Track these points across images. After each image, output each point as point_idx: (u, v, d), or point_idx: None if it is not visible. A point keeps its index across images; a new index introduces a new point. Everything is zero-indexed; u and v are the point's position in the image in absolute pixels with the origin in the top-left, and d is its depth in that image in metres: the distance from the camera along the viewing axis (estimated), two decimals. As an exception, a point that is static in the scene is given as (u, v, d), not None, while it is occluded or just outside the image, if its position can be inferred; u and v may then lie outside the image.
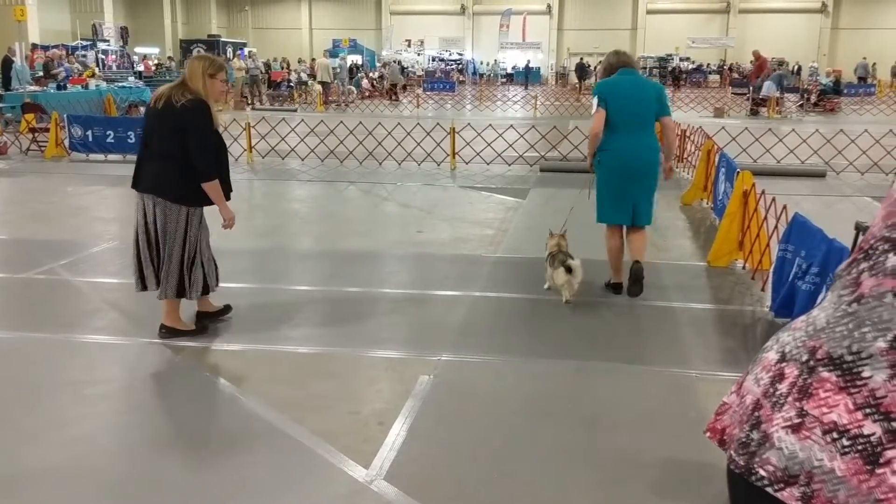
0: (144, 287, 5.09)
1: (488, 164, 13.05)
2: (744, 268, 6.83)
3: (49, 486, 3.37)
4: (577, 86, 38.31)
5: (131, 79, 26.02)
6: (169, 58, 42.06)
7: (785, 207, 5.98)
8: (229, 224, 5.28)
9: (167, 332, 5.17)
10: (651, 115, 5.89)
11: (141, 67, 34.26)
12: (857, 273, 1.29)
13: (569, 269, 5.82)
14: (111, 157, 13.73)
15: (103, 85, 21.41)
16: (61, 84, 19.92)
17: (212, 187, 5.09)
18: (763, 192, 6.57)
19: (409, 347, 5.01)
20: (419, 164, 13.01)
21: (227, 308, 5.63)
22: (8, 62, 20.31)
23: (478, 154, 13.23)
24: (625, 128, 5.82)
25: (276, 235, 8.44)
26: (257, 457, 3.62)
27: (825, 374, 1.23)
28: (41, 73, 22.19)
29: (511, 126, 14.62)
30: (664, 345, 5.12)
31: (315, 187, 11.48)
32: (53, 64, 22.79)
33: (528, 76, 45.41)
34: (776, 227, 6.05)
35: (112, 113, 19.09)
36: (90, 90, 20.10)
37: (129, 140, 13.36)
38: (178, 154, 4.90)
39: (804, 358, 1.28)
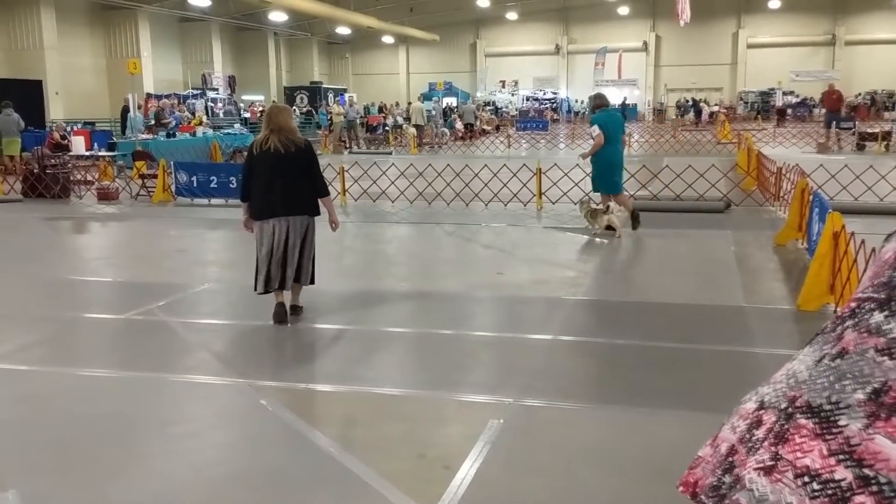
0: (282, 287, 6.61)
1: (575, 203, 13.01)
2: (835, 311, 6.57)
3: (130, 520, 3.56)
4: (696, 121, 40.45)
5: (237, 125, 27.27)
6: (273, 103, 43.82)
7: (874, 250, 5.76)
8: (337, 226, 7.24)
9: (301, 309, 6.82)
10: (621, 133, 10.80)
11: (247, 114, 35.83)
12: (842, 329, 1.30)
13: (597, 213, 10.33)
14: (214, 201, 14.41)
15: (210, 132, 22.53)
16: (171, 132, 21.06)
17: (329, 199, 6.97)
18: (853, 234, 6.33)
19: (481, 390, 5.04)
20: (505, 205, 13.10)
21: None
22: (125, 111, 21.71)
23: (565, 194, 13.22)
24: (611, 141, 10.46)
25: (362, 276, 8.66)
26: (328, 498, 3.73)
27: (802, 421, 1.24)
28: (153, 122, 23.55)
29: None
30: (745, 394, 4.98)
31: (402, 229, 11.73)
32: (164, 113, 24.14)
33: (625, 113, 45.05)
34: (866, 269, 5.82)
35: (217, 159, 20.04)
36: (197, 137, 21.19)
37: (230, 185, 13.95)
38: (308, 181, 6.60)
39: (783, 405, 1.29)
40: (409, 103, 37.11)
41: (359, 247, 10.68)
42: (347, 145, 29.25)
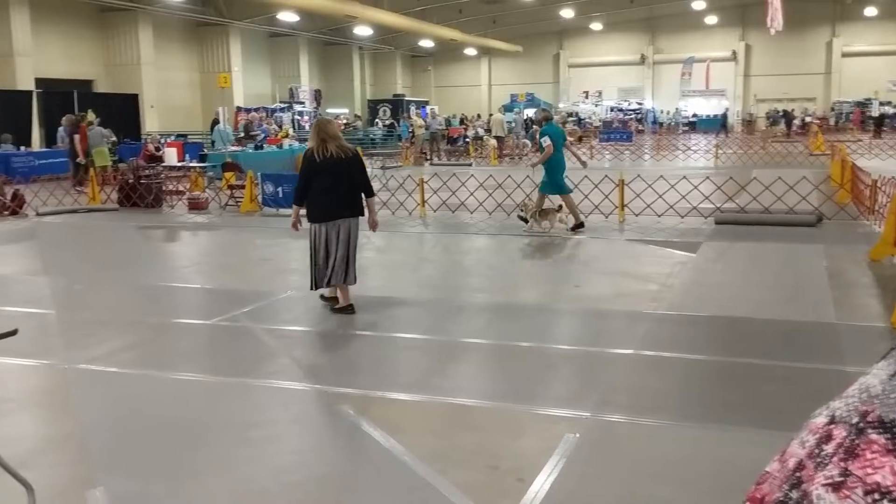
0: (345, 280, 7.23)
1: (659, 216, 12.79)
2: (933, 331, 6.25)
3: (209, 520, 3.66)
4: (786, 132, 39.58)
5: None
6: (356, 116, 44.58)
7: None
8: (377, 226, 7.73)
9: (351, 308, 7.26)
10: (563, 142, 12.48)
11: (331, 127, 36.45)
12: None
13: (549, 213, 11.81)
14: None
15: (296, 144, 23.07)
16: (259, 144, 21.66)
17: (373, 200, 7.64)
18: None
19: (558, 404, 4.99)
20: (586, 217, 12.96)
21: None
22: (215, 124, 22.47)
23: (648, 206, 13.00)
24: (558, 149, 11.97)
25: (439, 287, 8.71)
26: (398, 505, 3.75)
27: (874, 437, 1.19)
28: (242, 134, 24.27)
29: (684, 177, 14.27)
30: (833, 413, 4.78)
31: (481, 240, 11.74)
32: (253, 126, 24.86)
33: (725, 123, 43.82)
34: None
35: (301, 170, 20.47)
36: (283, 150, 21.71)
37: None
38: (360, 184, 7.30)
39: (854, 420, 1.24)
40: (490, 115, 37.16)
41: (436, 257, 10.74)
42: (428, 157, 29.49)
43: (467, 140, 32.31)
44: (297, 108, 38.62)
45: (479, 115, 42.41)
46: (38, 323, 7.21)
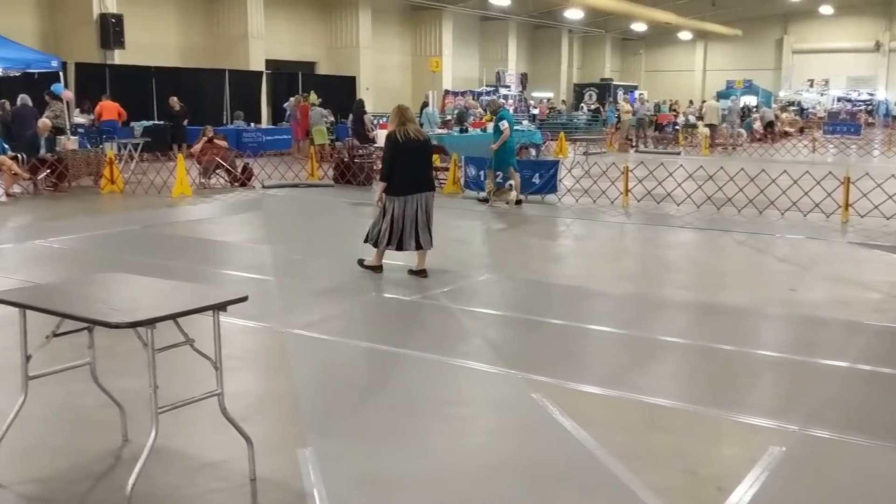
0: (419, 247, 8.18)
1: (888, 218, 11.70)
2: None
3: (405, 492, 3.84)
4: None
5: (525, 122, 27.89)
6: (562, 101, 44.30)
7: None
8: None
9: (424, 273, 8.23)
10: (513, 125, 14.21)
11: (536, 111, 36.57)
12: None
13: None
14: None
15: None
16: (464, 128, 22.00)
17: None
18: None
19: (762, 413, 4.73)
20: (805, 216, 12.12)
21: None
22: (423, 107, 23.19)
23: (876, 207, 11.93)
24: (513, 130, 13.72)
25: (639, 281, 8.50)
26: (592, 501, 3.74)
27: None
28: (449, 117, 24.84)
29: (921, 177, 12.93)
30: None
31: (687, 234, 11.31)
32: (467, 114, 25.24)
33: None
34: None
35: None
36: (486, 134, 21.97)
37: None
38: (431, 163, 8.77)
39: None
40: (703, 101, 35.54)
41: (637, 250, 10.48)
42: (634, 144, 28.76)
43: (677, 127, 31.16)
44: (503, 91, 38.94)
45: (690, 102, 40.73)
46: (261, 288, 7.83)
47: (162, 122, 22.25)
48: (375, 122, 23.16)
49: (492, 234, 11.60)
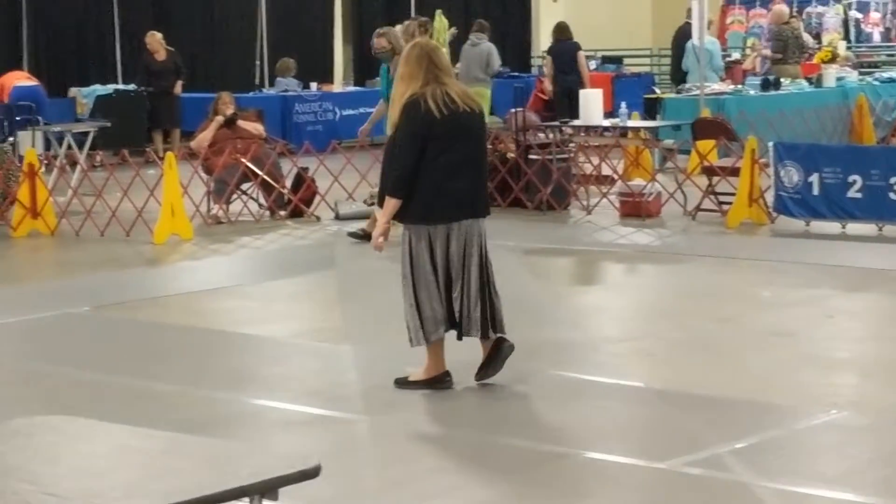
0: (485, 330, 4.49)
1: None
2: None
3: None
4: None
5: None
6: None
7: None
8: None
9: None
10: None
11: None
12: None
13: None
14: (851, 226, 8.18)
15: (852, 77, 12.92)
16: (773, 80, 12.10)
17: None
18: None
19: None
20: None
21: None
22: (682, 38, 17.66)
23: None
24: None
25: None
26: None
27: None
28: (739, 57, 16.86)
29: None
30: None
31: None
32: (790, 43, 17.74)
33: None
34: None
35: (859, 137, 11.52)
36: (830, 89, 12.36)
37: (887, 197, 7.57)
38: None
39: None
40: None
41: None
42: None
43: None
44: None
45: None
46: (339, 438, 4.46)
47: (133, 88, 13.04)
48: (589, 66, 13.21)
49: (842, 314, 6.19)
